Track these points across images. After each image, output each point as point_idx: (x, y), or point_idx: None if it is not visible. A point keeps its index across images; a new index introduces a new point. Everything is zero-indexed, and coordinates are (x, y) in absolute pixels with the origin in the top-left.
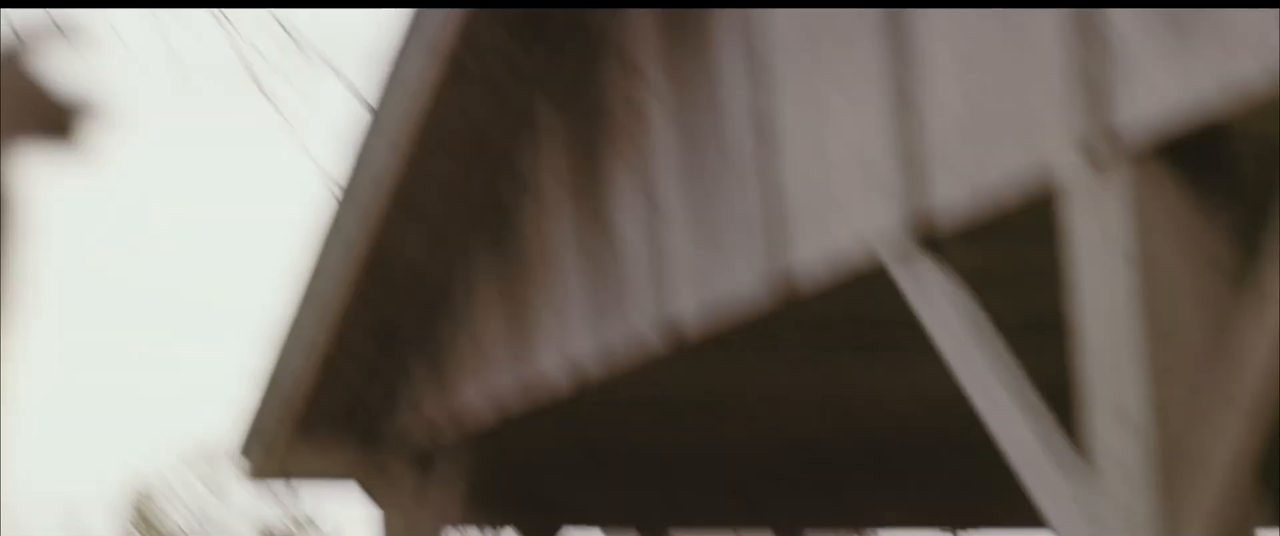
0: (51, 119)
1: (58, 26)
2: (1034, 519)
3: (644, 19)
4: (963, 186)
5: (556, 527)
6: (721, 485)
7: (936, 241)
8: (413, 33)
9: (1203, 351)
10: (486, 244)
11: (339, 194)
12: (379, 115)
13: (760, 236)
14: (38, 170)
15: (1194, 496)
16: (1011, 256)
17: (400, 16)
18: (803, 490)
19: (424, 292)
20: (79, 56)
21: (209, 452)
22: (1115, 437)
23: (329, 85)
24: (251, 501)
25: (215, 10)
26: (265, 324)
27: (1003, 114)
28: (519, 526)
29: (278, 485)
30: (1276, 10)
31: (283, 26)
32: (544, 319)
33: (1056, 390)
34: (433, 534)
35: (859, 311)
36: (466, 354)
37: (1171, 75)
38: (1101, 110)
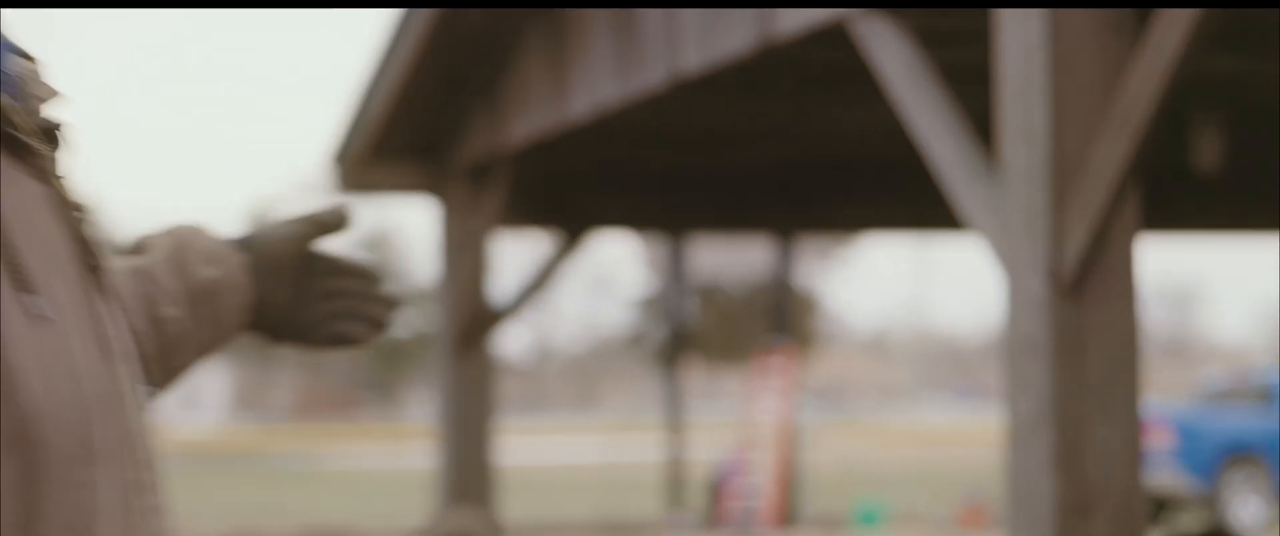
0: None
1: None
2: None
3: None
4: None
5: (585, 229)
6: (727, 198)
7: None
8: None
9: (1099, 86)
10: (536, 13)
11: None
12: None
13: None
14: None
15: (1083, 197)
16: (946, 16)
17: None
18: (791, 202)
19: (483, 50)
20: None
21: (309, 183)
22: (1022, 153)
23: None
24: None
25: None
26: (358, 74)
27: None
28: (556, 227)
29: (360, 196)
30: None
31: None
32: (578, 70)
33: (980, 120)
34: (483, 234)
35: (827, 62)
36: (516, 96)
37: None
38: None
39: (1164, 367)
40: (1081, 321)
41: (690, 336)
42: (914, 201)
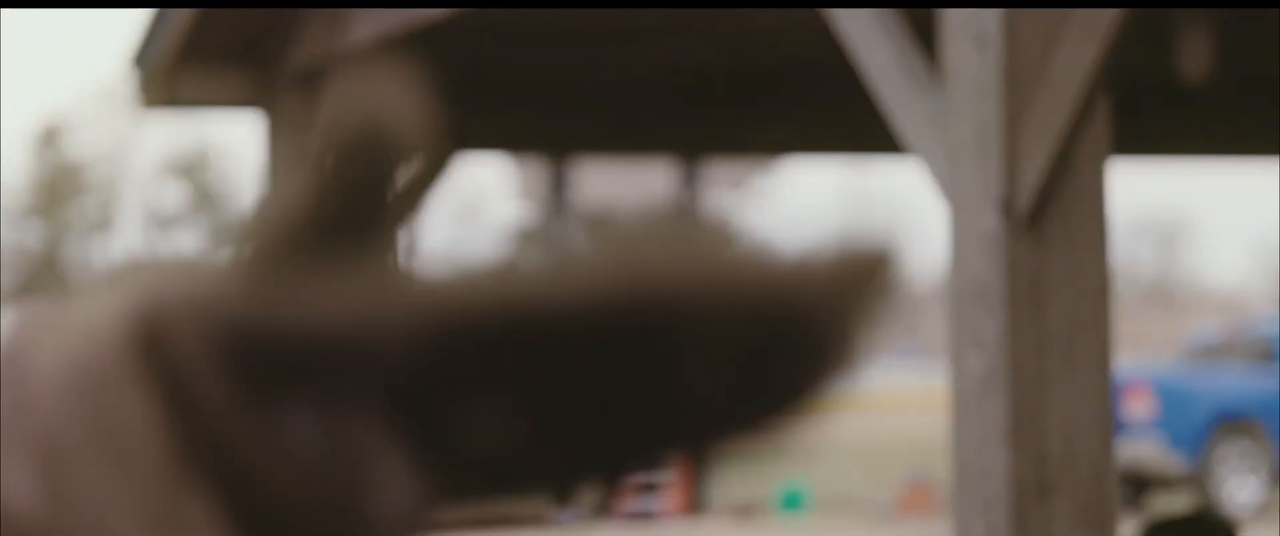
0: None
1: None
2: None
3: None
4: None
5: (445, 151)
6: (619, 113)
7: None
8: None
9: None
10: None
11: None
12: None
13: None
14: None
15: (1043, 113)
16: None
17: None
18: (696, 119)
19: None
20: None
21: (115, 90)
22: (970, 58)
23: None
24: (155, 134)
25: None
26: None
27: None
28: None
29: (170, 111)
30: None
31: None
32: None
33: (920, 20)
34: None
35: None
36: None
37: None
38: None
39: (1143, 318)
40: (1041, 262)
41: None
42: (843, 119)
